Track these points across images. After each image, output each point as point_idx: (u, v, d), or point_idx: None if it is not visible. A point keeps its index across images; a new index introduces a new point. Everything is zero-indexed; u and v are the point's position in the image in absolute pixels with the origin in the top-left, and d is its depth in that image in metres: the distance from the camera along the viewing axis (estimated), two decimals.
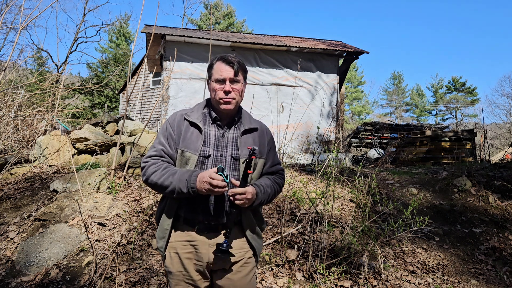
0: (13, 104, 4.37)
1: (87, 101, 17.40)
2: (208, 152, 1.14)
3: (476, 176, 3.80)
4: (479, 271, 2.48)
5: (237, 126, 1.21)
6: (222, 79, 1.14)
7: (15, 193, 3.09)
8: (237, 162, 1.16)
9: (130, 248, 2.35)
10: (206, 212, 1.13)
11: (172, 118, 1.21)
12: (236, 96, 1.16)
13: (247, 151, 1.15)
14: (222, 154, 1.16)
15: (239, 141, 1.18)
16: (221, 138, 1.18)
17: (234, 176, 1.15)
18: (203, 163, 1.14)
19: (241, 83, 1.17)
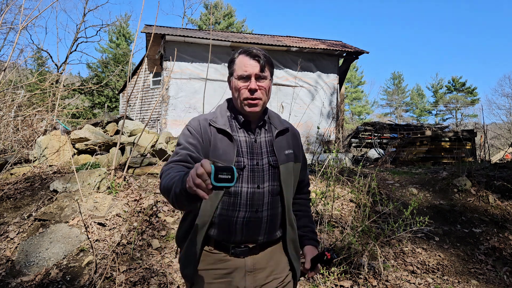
0: (13, 104, 4.38)
1: (87, 101, 17.40)
2: (243, 162, 0.96)
3: (476, 176, 3.80)
4: (479, 271, 2.48)
5: (267, 128, 1.04)
6: (246, 76, 0.96)
7: (15, 193, 3.09)
8: (276, 170, 0.99)
9: (130, 248, 2.35)
10: (242, 230, 0.95)
11: (195, 123, 1.00)
12: (263, 95, 0.98)
13: (285, 156, 1.01)
14: (258, 162, 0.98)
15: (275, 146, 1.02)
16: (254, 144, 1.00)
17: (273, 185, 0.98)
18: (239, 176, 0.96)
19: (268, 79, 0.99)
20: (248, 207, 0.96)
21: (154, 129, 10.63)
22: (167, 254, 2.35)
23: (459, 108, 30.00)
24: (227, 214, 0.95)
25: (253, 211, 0.96)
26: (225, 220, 0.95)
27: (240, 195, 0.96)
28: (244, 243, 0.97)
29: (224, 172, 0.66)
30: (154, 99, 11.46)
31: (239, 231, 0.96)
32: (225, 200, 0.96)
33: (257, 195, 0.96)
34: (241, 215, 0.95)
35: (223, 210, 0.96)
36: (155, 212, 2.77)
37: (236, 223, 0.95)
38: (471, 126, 21.19)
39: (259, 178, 0.97)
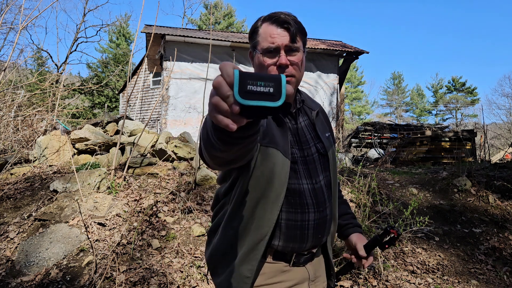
0: (13, 104, 4.38)
1: (87, 101, 17.40)
2: (296, 154, 0.80)
3: (476, 176, 3.80)
4: (479, 271, 2.48)
5: (302, 110, 0.88)
6: (274, 49, 0.76)
7: (15, 193, 3.09)
8: (326, 158, 0.85)
9: (130, 248, 2.35)
10: (314, 235, 0.80)
11: None
12: (296, 72, 0.78)
13: (327, 140, 0.87)
14: (307, 152, 0.83)
15: (318, 129, 0.87)
16: (299, 132, 0.84)
17: (326, 177, 0.84)
18: (295, 171, 0.79)
19: (300, 51, 0.79)
20: (315, 207, 0.80)
21: (154, 129, 10.63)
22: (167, 254, 2.35)
23: (459, 108, 30.00)
24: (296, 219, 0.78)
25: (320, 211, 0.81)
26: (296, 227, 0.78)
27: (304, 193, 0.80)
28: (310, 249, 0.83)
29: (257, 82, 0.37)
30: (154, 99, 11.46)
31: (311, 236, 0.80)
32: (291, 201, 0.78)
33: (318, 191, 0.82)
34: (311, 217, 0.80)
35: (292, 214, 0.78)
36: (155, 212, 2.77)
37: (308, 227, 0.79)
38: (471, 126, 21.20)
39: (314, 170, 0.82)
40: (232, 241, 0.79)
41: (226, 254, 0.79)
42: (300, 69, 0.80)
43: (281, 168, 0.75)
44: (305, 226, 0.80)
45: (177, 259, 2.32)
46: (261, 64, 0.79)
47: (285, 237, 0.79)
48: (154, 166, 3.45)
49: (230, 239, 0.79)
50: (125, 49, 20.83)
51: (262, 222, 0.76)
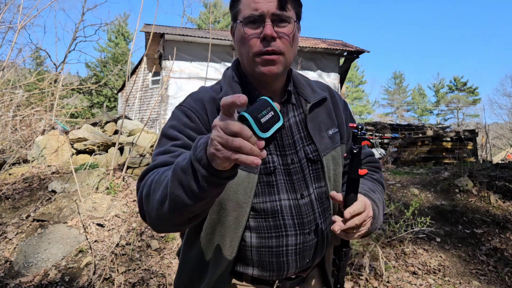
0: (12, 104, 4.36)
1: (86, 101, 17.39)
2: (272, 163, 0.65)
3: (477, 177, 3.78)
4: (481, 272, 2.46)
5: (295, 102, 0.70)
6: (258, 16, 0.61)
7: (13, 193, 3.07)
8: (319, 165, 0.68)
9: (129, 249, 2.33)
10: (297, 262, 0.66)
11: (195, 104, 0.65)
12: (285, 48, 0.63)
13: (329, 140, 0.69)
14: (293, 158, 0.67)
15: (311, 127, 0.68)
16: (283, 132, 0.68)
17: (320, 188, 0.68)
18: (270, 185, 0.64)
19: (292, 23, 0.63)
20: (298, 228, 0.65)
21: (153, 129, 10.61)
22: (166, 255, 2.33)
23: (460, 108, 29.98)
24: (270, 245, 0.64)
25: (305, 233, 0.65)
26: (270, 254, 0.64)
27: (281, 212, 0.64)
28: (297, 274, 0.69)
29: (262, 111, 0.40)
30: (153, 99, 11.43)
31: (292, 263, 0.65)
32: (261, 223, 0.63)
33: (303, 208, 0.66)
34: (291, 242, 0.64)
35: (264, 240, 0.64)
36: None
37: (286, 254, 0.64)
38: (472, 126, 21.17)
39: (300, 182, 0.66)
40: (191, 274, 0.67)
41: (190, 279, 0.68)
42: (291, 44, 0.64)
43: (240, 187, 0.61)
44: (283, 253, 0.64)
45: (176, 260, 2.30)
46: (242, 37, 0.63)
47: (259, 266, 0.65)
48: None
49: (189, 271, 0.67)
50: (124, 48, 20.80)
51: (222, 251, 0.63)
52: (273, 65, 0.63)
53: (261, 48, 0.62)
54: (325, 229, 0.70)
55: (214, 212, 0.64)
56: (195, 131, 0.62)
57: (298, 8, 0.66)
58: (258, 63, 0.63)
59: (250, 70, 0.66)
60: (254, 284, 0.68)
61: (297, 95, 0.72)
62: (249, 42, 0.63)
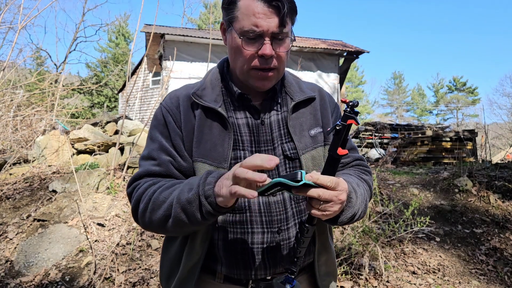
0: (12, 104, 4.36)
1: (86, 101, 17.40)
2: (244, 157, 0.65)
3: (477, 176, 3.79)
4: (480, 272, 2.47)
5: (280, 101, 0.71)
6: (257, 34, 0.60)
7: (14, 193, 3.08)
8: (296, 163, 0.67)
9: (129, 249, 2.34)
10: (264, 262, 0.64)
11: (170, 103, 0.68)
12: (280, 64, 0.64)
13: (310, 139, 0.68)
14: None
15: (291, 125, 0.68)
16: (261, 128, 0.67)
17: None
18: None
19: (288, 39, 0.63)
20: (265, 226, 0.64)
21: None
22: None
23: (460, 108, 29.99)
24: (235, 241, 0.64)
25: (274, 231, 0.64)
26: (235, 250, 0.64)
27: (248, 208, 0.64)
28: (270, 275, 0.66)
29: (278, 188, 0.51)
30: (154, 99, 11.43)
31: (259, 263, 0.64)
32: (228, 219, 0.64)
33: (274, 206, 0.65)
34: (257, 240, 0.64)
35: (229, 235, 0.64)
36: None
37: (252, 253, 0.63)
38: (472, 126, 21.18)
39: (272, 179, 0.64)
40: (173, 260, 0.68)
41: (169, 276, 0.69)
42: (285, 60, 0.65)
43: None
44: (248, 251, 0.63)
45: None
46: (238, 48, 0.63)
47: (226, 262, 0.65)
48: None
49: (171, 258, 0.69)
50: (124, 48, 20.81)
51: (194, 244, 0.64)
52: (268, 81, 0.65)
53: (257, 64, 0.63)
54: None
55: None
56: (170, 130, 0.67)
57: (294, 16, 0.65)
58: (252, 76, 0.65)
59: (243, 79, 0.67)
60: (227, 282, 0.66)
61: (284, 94, 0.72)
62: (247, 57, 0.63)
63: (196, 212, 0.54)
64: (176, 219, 0.57)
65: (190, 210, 0.55)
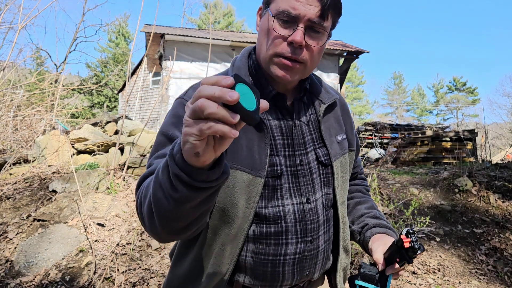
0: (12, 104, 4.36)
1: (86, 101, 17.40)
2: (279, 165, 0.60)
3: (477, 176, 3.79)
4: (480, 272, 2.47)
5: (307, 102, 0.67)
6: (293, 17, 0.55)
7: (14, 193, 3.08)
8: (329, 170, 0.65)
9: (129, 249, 2.34)
10: (294, 273, 0.61)
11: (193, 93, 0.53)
12: (309, 59, 0.59)
13: (337, 146, 0.66)
14: (302, 160, 0.63)
15: (323, 129, 0.65)
16: (294, 131, 0.63)
17: (327, 195, 0.65)
18: (275, 189, 0.60)
19: (325, 35, 0.59)
20: (299, 236, 0.61)
21: (153, 129, 10.62)
22: (167, 255, 2.34)
23: (460, 108, 29.99)
24: (267, 253, 0.60)
25: (307, 241, 0.61)
26: (264, 263, 0.60)
27: (284, 218, 0.59)
28: (292, 285, 0.64)
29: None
30: (154, 99, 11.44)
31: (288, 274, 0.61)
32: (261, 229, 0.59)
33: (308, 214, 0.61)
34: (290, 251, 0.60)
35: (261, 246, 0.60)
36: None
37: (283, 264, 0.60)
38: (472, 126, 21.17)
39: (307, 185, 0.62)
40: (183, 281, 0.61)
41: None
42: (315, 58, 0.60)
43: (245, 191, 0.57)
44: (279, 263, 0.60)
45: None
46: (268, 31, 0.57)
47: (251, 274, 0.61)
48: None
49: (181, 277, 0.62)
50: (124, 48, 20.81)
51: (222, 259, 0.59)
52: (291, 72, 0.59)
53: (284, 51, 0.57)
54: (328, 240, 0.65)
55: (215, 218, 0.59)
56: None
57: (337, 18, 0.61)
58: (275, 63, 0.59)
59: (265, 65, 0.61)
60: None
61: (309, 94, 0.68)
62: (274, 40, 0.57)
63: (166, 180, 0.40)
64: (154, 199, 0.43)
65: (163, 180, 0.41)
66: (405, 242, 0.58)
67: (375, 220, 0.71)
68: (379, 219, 0.72)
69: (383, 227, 0.69)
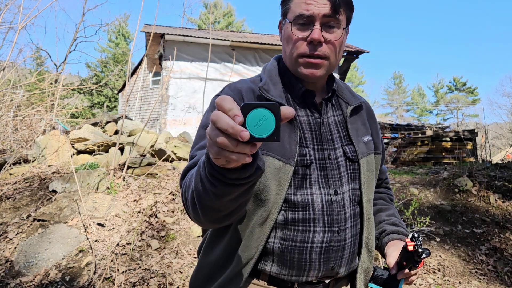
0: (12, 104, 4.36)
1: (86, 101, 17.40)
2: (308, 156, 0.64)
3: (477, 176, 3.79)
4: (480, 272, 2.47)
5: (335, 103, 0.72)
6: (307, 17, 0.61)
7: (14, 193, 3.08)
8: (356, 166, 0.68)
9: (129, 249, 2.34)
10: (320, 262, 0.63)
11: (233, 94, 0.66)
12: (331, 53, 0.64)
13: (364, 145, 0.70)
14: (330, 154, 0.67)
15: (350, 129, 0.69)
16: (322, 127, 0.68)
17: (354, 190, 0.67)
18: (304, 178, 0.63)
19: (341, 29, 0.64)
20: (327, 225, 0.63)
21: (153, 129, 10.61)
22: (167, 255, 2.34)
23: (460, 108, 30.00)
24: (294, 239, 0.62)
25: (334, 231, 0.63)
26: (291, 250, 0.62)
27: (312, 206, 0.62)
28: (319, 278, 0.65)
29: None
30: (154, 99, 11.44)
31: (315, 263, 0.62)
32: (290, 216, 0.62)
33: (335, 205, 0.64)
34: (317, 239, 0.62)
35: (289, 232, 0.62)
36: (155, 213, 2.76)
37: (310, 252, 0.62)
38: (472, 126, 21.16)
39: (335, 178, 0.65)
40: (212, 270, 0.64)
41: (206, 282, 0.64)
42: (336, 51, 0.64)
43: (275, 177, 0.60)
44: (306, 250, 0.61)
45: (177, 260, 2.31)
46: (289, 36, 0.64)
47: (278, 261, 0.62)
48: (154, 166, 3.43)
49: (210, 267, 0.64)
50: (124, 48, 20.81)
51: (249, 242, 0.61)
52: (316, 68, 0.65)
53: (306, 50, 0.63)
54: (355, 235, 0.67)
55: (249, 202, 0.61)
56: None
57: (350, 12, 0.67)
58: (301, 64, 0.65)
59: (293, 69, 0.68)
60: (272, 284, 0.64)
61: (336, 97, 0.74)
62: (295, 44, 0.64)
63: (204, 176, 0.44)
64: (196, 191, 0.47)
65: (203, 175, 0.44)
66: (408, 245, 0.61)
67: (393, 227, 0.75)
68: (398, 226, 0.76)
69: (400, 234, 0.74)
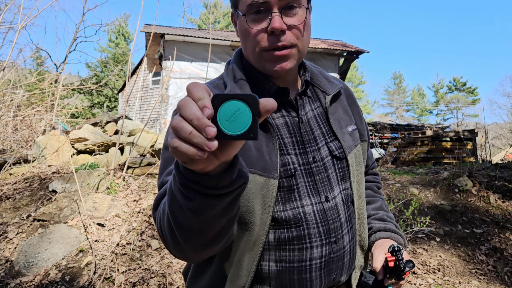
0: (12, 104, 4.37)
1: (86, 101, 17.41)
2: (291, 164, 0.57)
3: (477, 176, 3.79)
4: (480, 272, 2.47)
5: (311, 95, 0.63)
6: (261, 3, 0.52)
7: (14, 193, 3.08)
8: (344, 163, 0.61)
9: (129, 249, 2.34)
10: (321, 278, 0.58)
11: None
12: (297, 39, 0.55)
13: (349, 137, 0.63)
14: (315, 156, 0.59)
15: (333, 122, 0.62)
16: (302, 127, 0.60)
17: (345, 190, 0.62)
18: (291, 190, 0.57)
19: (303, 8, 0.55)
20: (324, 238, 0.57)
21: (153, 129, 10.62)
22: (167, 255, 2.34)
23: (460, 108, 30.01)
24: (291, 260, 0.56)
25: (332, 242, 0.58)
26: (290, 271, 0.56)
27: (305, 219, 0.56)
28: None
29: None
30: (154, 99, 11.44)
31: (316, 280, 0.57)
32: (282, 235, 0.56)
33: (329, 213, 0.58)
34: (316, 255, 0.56)
35: (284, 253, 0.56)
36: None
37: (310, 270, 0.56)
38: (472, 126, 21.16)
39: (324, 183, 0.59)
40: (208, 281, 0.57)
41: None
42: (303, 33, 0.54)
43: (259, 195, 0.53)
44: (305, 269, 0.56)
45: (177, 260, 2.31)
46: (246, 31, 0.54)
47: (277, 285, 0.56)
48: (154, 166, 3.43)
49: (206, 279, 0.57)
50: (124, 48, 20.82)
51: (239, 271, 0.55)
52: (285, 60, 0.55)
53: (269, 43, 0.53)
54: (352, 238, 0.61)
55: None
56: None
57: None
58: (267, 59, 0.55)
59: (258, 66, 0.58)
60: None
61: (311, 87, 0.64)
62: (256, 38, 0.54)
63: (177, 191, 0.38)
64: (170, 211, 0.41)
65: (175, 189, 0.38)
66: (389, 261, 0.55)
67: (380, 223, 0.68)
68: (385, 222, 0.69)
69: (388, 231, 0.66)
